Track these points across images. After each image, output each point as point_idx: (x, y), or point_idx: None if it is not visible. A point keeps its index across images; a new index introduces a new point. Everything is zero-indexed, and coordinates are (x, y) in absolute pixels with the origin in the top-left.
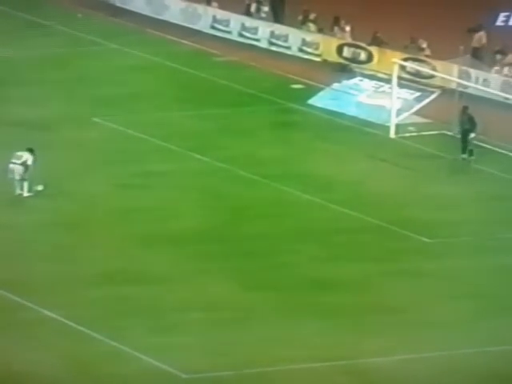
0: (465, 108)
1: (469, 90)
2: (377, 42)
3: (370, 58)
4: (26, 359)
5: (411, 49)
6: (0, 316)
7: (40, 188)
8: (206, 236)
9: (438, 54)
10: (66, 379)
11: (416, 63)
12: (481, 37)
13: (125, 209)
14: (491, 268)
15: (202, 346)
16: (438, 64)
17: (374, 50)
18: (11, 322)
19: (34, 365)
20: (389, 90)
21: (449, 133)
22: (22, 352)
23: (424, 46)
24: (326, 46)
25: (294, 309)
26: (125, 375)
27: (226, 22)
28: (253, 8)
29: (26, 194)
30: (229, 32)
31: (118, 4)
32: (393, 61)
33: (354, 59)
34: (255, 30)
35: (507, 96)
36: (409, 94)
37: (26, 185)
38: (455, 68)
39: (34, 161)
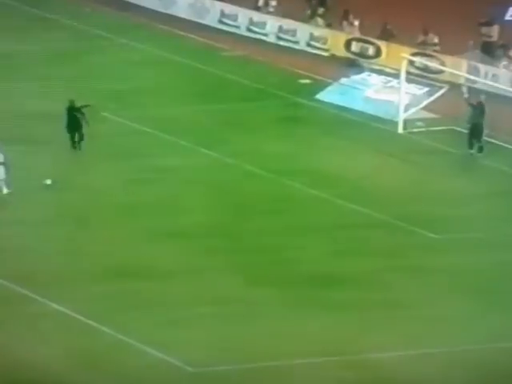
0: (479, 103)
1: (478, 85)
2: (386, 34)
3: (378, 52)
4: (33, 352)
5: (426, 44)
6: (8, 309)
7: (48, 182)
8: (212, 231)
9: (447, 49)
10: (73, 372)
11: (425, 58)
12: (494, 30)
13: (132, 203)
14: (498, 264)
15: (208, 340)
16: (446, 59)
17: (382, 44)
18: (19, 315)
19: (41, 357)
20: (397, 85)
21: (457, 128)
22: (28, 345)
23: (436, 40)
24: (334, 41)
25: (300, 304)
26: (131, 368)
27: (234, 17)
28: (261, 2)
29: (5, 191)
30: (237, 27)
31: None
32: (401, 56)
33: (362, 54)
34: (263, 25)
35: None
36: (417, 89)
37: (3, 183)
38: (464, 63)
39: (5, 157)
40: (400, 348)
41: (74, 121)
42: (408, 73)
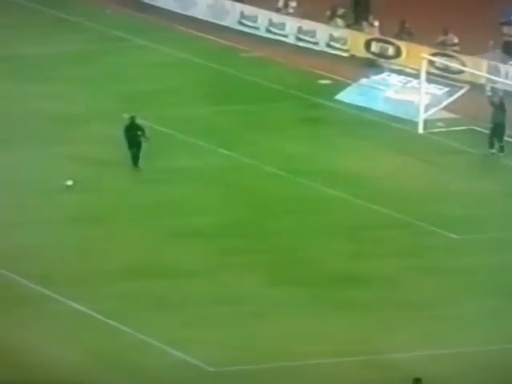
0: (499, 100)
1: (498, 85)
2: (404, 32)
3: (398, 53)
4: (53, 351)
5: (445, 44)
6: (28, 308)
7: (69, 183)
8: (231, 231)
9: (468, 49)
10: (93, 371)
11: (445, 58)
12: None
13: (151, 203)
14: None
15: (229, 340)
16: (467, 59)
17: (402, 44)
18: (38, 315)
19: (61, 357)
20: (417, 85)
21: (478, 128)
22: (48, 344)
23: (456, 40)
24: (353, 41)
25: (319, 304)
26: (152, 368)
27: (254, 18)
28: (280, 3)
29: None
30: (256, 28)
31: (146, 0)
32: (421, 56)
33: (381, 54)
34: (283, 26)
35: None
36: (437, 89)
37: None
38: (484, 63)
39: None
40: (419, 348)
41: (135, 138)
42: (428, 73)
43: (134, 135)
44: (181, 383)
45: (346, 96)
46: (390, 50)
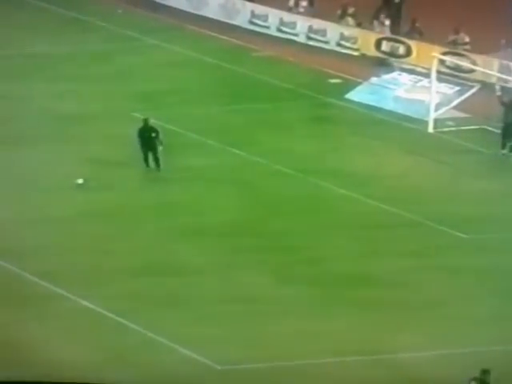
0: (510, 101)
1: (510, 85)
2: (415, 31)
3: (408, 52)
4: (63, 349)
5: (456, 43)
6: (40, 306)
7: (80, 181)
8: (241, 230)
9: (479, 48)
10: (103, 369)
11: (456, 57)
12: None
13: (162, 202)
14: None
15: (237, 338)
16: (478, 58)
17: (412, 43)
18: (50, 312)
19: (70, 354)
20: (428, 85)
21: (488, 128)
22: (60, 341)
23: (467, 39)
24: (364, 40)
25: (328, 303)
26: (160, 365)
27: (265, 17)
28: (291, 3)
29: None
30: (267, 27)
31: None
32: (432, 55)
33: (392, 53)
34: (293, 25)
35: None
36: (448, 89)
37: None
38: (496, 62)
39: None
40: (427, 348)
41: (149, 140)
42: (439, 72)
43: (148, 137)
44: (189, 381)
45: (357, 95)
46: (401, 49)
